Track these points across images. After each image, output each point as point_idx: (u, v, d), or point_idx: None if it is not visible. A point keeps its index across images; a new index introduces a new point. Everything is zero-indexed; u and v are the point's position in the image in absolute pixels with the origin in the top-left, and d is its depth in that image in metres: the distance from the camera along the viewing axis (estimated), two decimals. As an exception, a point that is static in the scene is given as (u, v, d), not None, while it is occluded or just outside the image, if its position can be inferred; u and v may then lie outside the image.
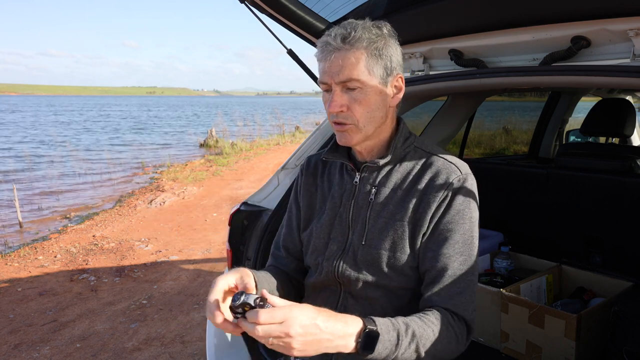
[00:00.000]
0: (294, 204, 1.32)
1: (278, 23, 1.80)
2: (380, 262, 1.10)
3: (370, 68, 1.06)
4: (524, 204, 2.58)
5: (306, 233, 1.25)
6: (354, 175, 1.18)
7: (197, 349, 3.17)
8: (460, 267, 1.06)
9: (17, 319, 3.71)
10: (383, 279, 1.11)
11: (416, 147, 1.17)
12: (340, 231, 1.18)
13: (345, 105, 1.06)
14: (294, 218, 1.31)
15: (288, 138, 18.24)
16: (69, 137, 21.39)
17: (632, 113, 2.57)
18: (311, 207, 1.27)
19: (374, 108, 1.08)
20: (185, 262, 4.95)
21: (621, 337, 1.71)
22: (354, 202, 1.17)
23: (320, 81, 1.10)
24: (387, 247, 1.10)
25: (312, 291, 1.23)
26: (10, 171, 11.45)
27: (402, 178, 1.14)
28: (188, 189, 8.56)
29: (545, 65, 1.41)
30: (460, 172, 1.11)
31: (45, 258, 5.15)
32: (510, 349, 1.95)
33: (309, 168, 1.31)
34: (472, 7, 1.49)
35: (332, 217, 1.19)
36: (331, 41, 1.05)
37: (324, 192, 1.25)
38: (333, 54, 1.05)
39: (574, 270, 2.17)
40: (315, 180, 1.28)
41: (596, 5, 1.26)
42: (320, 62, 1.08)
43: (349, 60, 1.04)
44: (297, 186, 1.33)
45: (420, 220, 1.08)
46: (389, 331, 0.94)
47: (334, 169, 1.26)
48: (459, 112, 2.69)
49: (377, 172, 1.16)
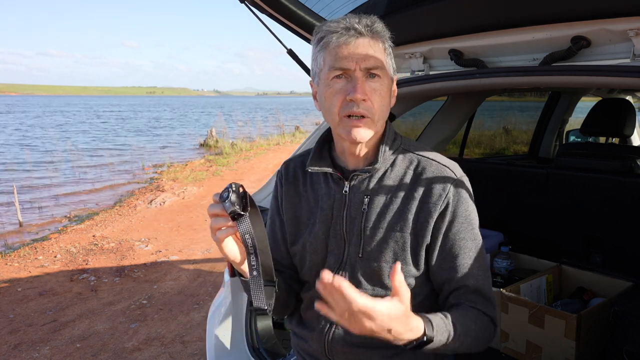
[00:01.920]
0: (276, 215, 1.24)
1: (278, 23, 1.80)
2: (381, 275, 1.07)
3: (387, 61, 1.05)
4: (524, 204, 2.58)
5: (297, 247, 1.18)
6: (343, 185, 1.11)
7: (197, 349, 3.17)
8: (479, 272, 1.07)
9: (17, 319, 3.71)
10: (384, 291, 1.09)
11: (404, 150, 1.13)
12: (336, 244, 1.12)
13: (367, 95, 1.00)
14: (277, 230, 1.23)
15: (288, 138, 18.24)
16: (69, 137, 21.38)
17: (632, 113, 2.57)
18: (296, 219, 1.19)
19: (387, 102, 1.06)
20: (185, 262, 4.95)
21: (621, 337, 1.71)
22: (347, 213, 1.10)
23: (337, 67, 1.00)
24: (388, 259, 1.07)
25: (309, 303, 1.18)
26: (10, 171, 11.45)
27: (396, 186, 1.09)
28: (188, 189, 8.56)
29: (545, 65, 1.41)
30: (456, 175, 1.09)
31: (45, 258, 5.15)
32: (510, 349, 1.95)
33: (288, 177, 1.23)
34: (472, 7, 1.49)
35: (325, 230, 1.13)
36: (354, 24, 1.00)
37: (309, 203, 1.17)
38: (358, 38, 1.00)
39: (574, 270, 2.17)
40: (298, 190, 1.20)
41: (596, 5, 1.26)
42: (338, 47, 1.00)
43: (377, 47, 1.02)
44: (277, 196, 1.24)
45: (423, 231, 1.06)
46: (442, 333, 0.94)
47: (317, 177, 1.18)
48: (459, 112, 2.69)
49: (368, 180, 1.10)
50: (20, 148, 16.34)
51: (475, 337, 1.01)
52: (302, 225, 1.18)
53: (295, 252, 1.20)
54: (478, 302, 1.06)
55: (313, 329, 1.17)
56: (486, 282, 1.08)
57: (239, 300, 1.94)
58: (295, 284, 1.24)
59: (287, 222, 1.21)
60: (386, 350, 1.11)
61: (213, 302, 2.16)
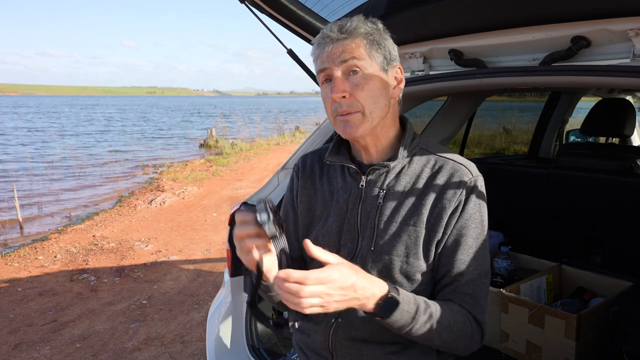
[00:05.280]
0: (290, 206, 1.27)
1: (278, 23, 1.80)
2: (392, 269, 1.08)
3: (370, 53, 1.06)
4: (524, 204, 2.58)
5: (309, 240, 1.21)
6: (359, 179, 1.14)
7: (197, 349, 3.17)
8: (475, 272, 1.07)
9: (17, 319, 3.71)
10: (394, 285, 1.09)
11: (422, 149, 1.15)
12: (349, 237, 1.14)
13: (347, 92, 1.04)
14: (290, 221, 1.26)
15: (288, 138, 18.24)
16: (69, 137, 21.38)
17: (632, 113, 2.57)
18: (311, 212, 1.22)
19: (377, 94, 1.07)
20: (185, 262, 4.95)
21: (621, 337, 1.71)
22: (362, 207, 1.12)
23: (320, 69, 1.07)
24: (399, 253, 1.07)
25: None
26: (10, 170, 11.45)
27: (413, 182, 1.10)
28: (188, 189, 8.56)
29: (545, 65, 1.41)
30: (472, 174, 1.10)
31: (45, 258, 5.15)
32: (510, 349, 1.95)
33: (305, 170, 1.26)
34: (472, 7, 1.49)
35: (339, 223, 1.15)
36: (328, 32, 1.05)
37: (324, 196, 1.20)
38: (331, 44, 1.05)
39: (574, 270, 2.17)
40: (314, 184, 1.23)
41: (596, 5, 1.26)
42: (319, 55, 1.07)
43: (349, 46, 1.05)
44: (293, 188, 1.28)
45: (436, 226, 1.07)
46: (409, 303, 0.96)
47: (334, 171, 1.21)
48: (459, 112, 2.69)
49: (385, 175, 1.12)
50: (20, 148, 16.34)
51: (453, 330, 1.01)
52: (316, 217, 1.20)
53: None
54: (466, 301, 1.06)
55: (319, 322, 1.17)
56: (480, 283, 1.08)
57: (239, 300, 1.94)
58: None
59: (301, 213, 1.23)
60: (390, 346, 1.11)
61: (213, 302, 2.16)
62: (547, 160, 3.73)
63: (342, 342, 1.13)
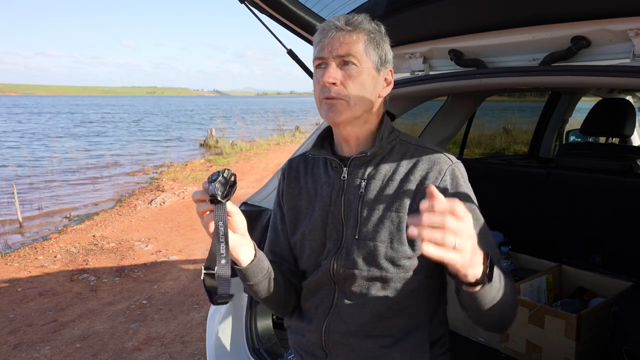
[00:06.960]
0: (277, 208, 1.31)
1: (278, 23, 1.80)
2: (377, 255, 1.09)
3: (368, 51, 1.10)
4: (524, 204, 2.58)
5: (297, 237, 1.23)
6: (341, 171, 1.18)
7: (197, 349, 3.17)
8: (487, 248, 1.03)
9: (17, 319, 3.71)
10: (379, 272, 1.10)
11: (401, 140, 1.19)
12: (334, 228, 1.16)
13: (338, 80, 1.08)
14: (278, 222, 1.30)
15: (288, 138, 18.24)
16: (70, 137, 21.39)
17: (632, 113, 2.57)
18: (296, 210, 1.25)
19: (366, 89, 1.11)
20: (185, 262, 4.95)
21: (621, 337, 1.71)
22: (345, 198, 1.16)
23: (317, 57, 1.11)
24: (383, 239, 1.09)
25: (307, 292, 1.22)
26: (10, 170, 11.45)
27: (393, 169, 1.14)
28: (188, 188, 8.56)
29: (545, 65, 1.41)
30: (452, 161, 1.13)
31: (45, 258, 5.15)
32: (510, 349, 1.95)
33: (290, 171, 1.30)
34: (472, 7, 1.49)
35: (323, 217, 1.18)
36: (334, 21, 1.10)
37: (308, 193, 1.24)
38: (335, 32, 1.09)
39: (574, 270, 2.17)
40: (299, 183, 1.27)
41: (596, 5, 1.26)
42: (320, 41, 1.10)
43: (351, 38, 1.09)
44: (279, 190, 1.32)
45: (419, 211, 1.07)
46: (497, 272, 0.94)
47: (317, 169, 1.25)
48: (459, 112, 2.69)
49: (365, 166, 1.16)
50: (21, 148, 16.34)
51: (512, 301, 1.02)
52: (302, 214, 1.23)
53: (295, 242, 1.24)
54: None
55: (311, 321, 1.19)
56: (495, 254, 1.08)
57: (239, 300, 1.94)
58: (295, 277, 1.26)
59: (287, 213, 1.27)
60: (382, 339, 1.12)
61: (213, 302, 2.16)
62: (547, 160, 3.73)
63: (335, 338, 1.14)
